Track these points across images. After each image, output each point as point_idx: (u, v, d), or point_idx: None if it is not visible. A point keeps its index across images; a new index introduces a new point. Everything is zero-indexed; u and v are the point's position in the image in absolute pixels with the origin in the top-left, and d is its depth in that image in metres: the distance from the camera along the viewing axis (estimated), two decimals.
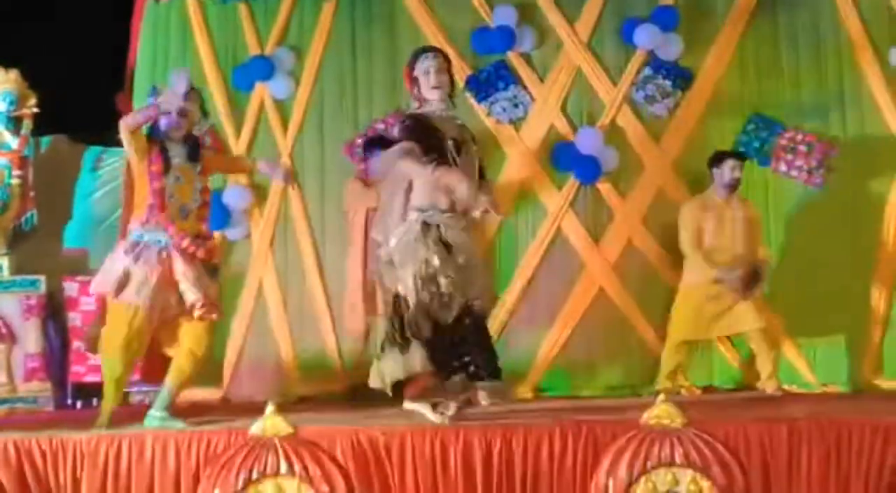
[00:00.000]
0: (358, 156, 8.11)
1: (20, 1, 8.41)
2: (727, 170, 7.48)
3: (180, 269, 5.78)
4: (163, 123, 5.90)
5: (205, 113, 6.20)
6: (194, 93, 6.03)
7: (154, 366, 6.53)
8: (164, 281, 5.78)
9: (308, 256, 8.22)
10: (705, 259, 7.36)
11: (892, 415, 5.13)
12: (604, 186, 8.06)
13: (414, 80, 5.88)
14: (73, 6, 8.57)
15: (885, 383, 7.54)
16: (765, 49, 8.14)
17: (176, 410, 5.98)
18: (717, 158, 7.56)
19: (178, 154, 5.94)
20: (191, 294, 5.78)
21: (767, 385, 7.30)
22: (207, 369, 7.70)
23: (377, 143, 7.43)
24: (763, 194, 8.01)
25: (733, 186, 7.50)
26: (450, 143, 5.70)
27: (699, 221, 7.48)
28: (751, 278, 7.28)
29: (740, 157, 7.59)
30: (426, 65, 5.81)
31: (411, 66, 5.91)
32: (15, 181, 7.76)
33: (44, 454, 5.11)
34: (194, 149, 6.02)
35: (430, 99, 5.82)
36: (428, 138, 5.65)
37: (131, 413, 5.91)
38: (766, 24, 8.15)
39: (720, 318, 7.34)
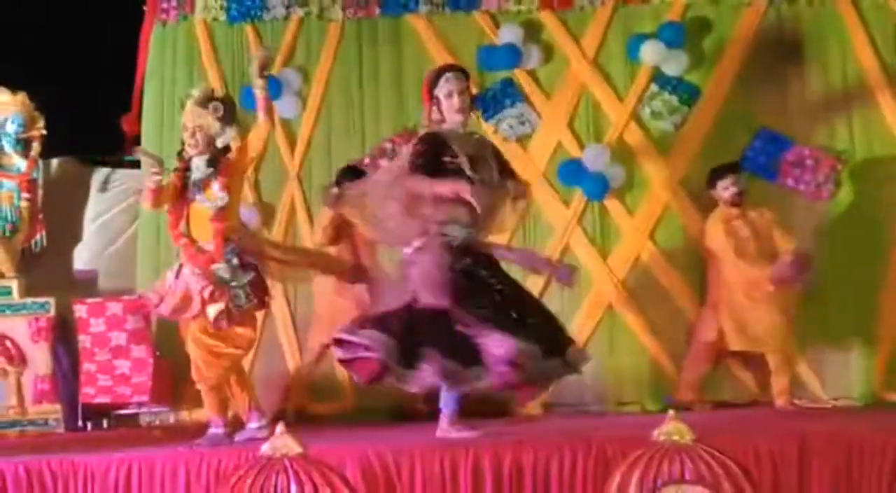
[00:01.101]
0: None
1: (26, 24, 8.43)
2: (720, 190, 7.43)
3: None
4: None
5: (229, 120, 6.07)
6: (214, 103, 6.00)
7: (163, 388, 6.54)
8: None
9: (317, 274, 8.21)
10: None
11: None
12: (611, 203, 8.08)
13: (435, 100, 5.70)
14: (80, 27, 8.59)
15: (895, 397, 7.51)
16: (771, 64, 8.14)
17: (186, 430, 5.97)
18: (710, 180, 7.51)
19: (197, 169, 5.95)
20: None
21: (779, 400, 7.27)
22: None
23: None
24: (769, 209, 7.98)
25: (736, 203, 7.43)
26: (464, 159, 5.59)
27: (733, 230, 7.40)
28: (801, 265, 7.15)
29: (731, 171, 7.47)
30: (449, 87, 5.64)
31: (432, 86, 5.71)
32: (24, 204, 7.80)
33: (54, 477, 5.09)
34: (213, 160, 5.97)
35: (452, 120, 5.68)
36: (440, 158, 5.59)
37: (140, 435, 5.90)
38: (772, 38, 8.16)
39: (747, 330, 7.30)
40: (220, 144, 5.97)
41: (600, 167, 8.01)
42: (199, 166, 5.93)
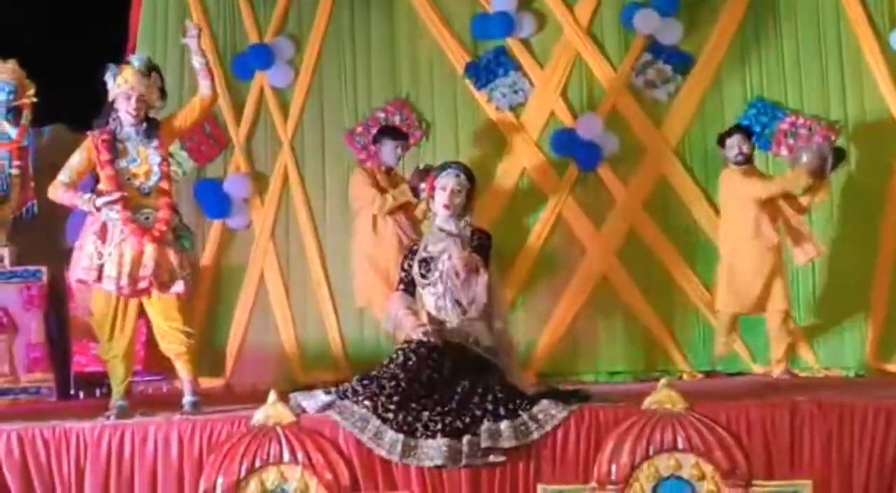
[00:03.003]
0: (360, 144, 8.15)
1: None
2: (727, 149, 7.37)
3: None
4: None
5: (164, 92, 6.01)
6: (155, 74, 5.92)
7: (156, 356, 6.53)
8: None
9: (310, 244, 8.23)
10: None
11: (894, 398, 5.14)
12: (605, 172, 8.06)
13: (432, 190, 5.66)
14: None
15: (887, 366, 7.52)
16: (765, 33, 8.12)
17: (176, 398, 5.96)
18: (720, 141, 7.47)
19: (129, 137, 5.79)
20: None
21: (776, 369, 7.28)
22: (210, 357, 7.78)
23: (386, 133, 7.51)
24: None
25: (741, 162, 7.34)
26: (415, 267, 5.58)
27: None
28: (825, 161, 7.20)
29: (738, 130, 7.41)
30: (444, 182, 5.59)
31: (435, 177, 5.67)
32: (15, 171, 7.74)
33: (47, 444, 5.11)
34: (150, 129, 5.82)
35: (438, 214, 5.63)
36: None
37: (133, 403, 5.90)
38: (766, 7, 8.13)
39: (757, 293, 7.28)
40: (152, 115, 5.87)
41: (594, 136, 7.98)
42: (130, 135, 5.78)
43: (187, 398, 5.78)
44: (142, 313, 5.89)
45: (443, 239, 5.55)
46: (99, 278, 5.68)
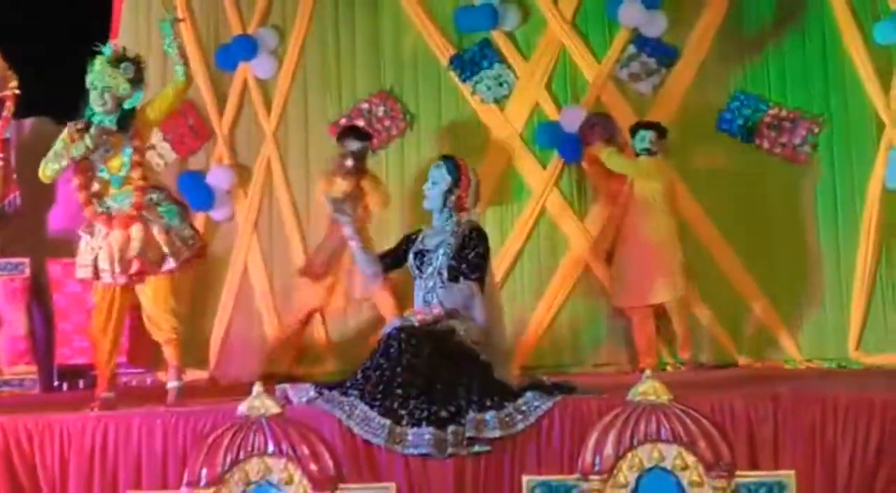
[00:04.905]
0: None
1: None
2: (637, 140, 7.56)
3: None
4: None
5: (138, 82, 5.95)
6: (125, 64, 5.88)
7: (140, 348, 6.52)
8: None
9: (293, 235, 8.23)
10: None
11: (876, 389, 5.17)
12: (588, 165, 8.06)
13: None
14: None
15: (868, 358, 7.54)
16: (749, 26, 8.14)
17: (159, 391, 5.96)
18: (631, 130, 7.66)
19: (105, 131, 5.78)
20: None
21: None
22: (194, 349, 7.76)
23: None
24: (746, 171, 8.02)
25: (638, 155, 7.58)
26: (410, 258, 5.55)
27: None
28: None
29: (650, 127, 7.58)
30: (429, 174, 5.55)
31: None
32: None
33: (30, 436, 5.09)
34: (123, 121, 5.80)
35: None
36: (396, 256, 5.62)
37: (118, 395, 5.89)
38: (750, 0, 8.15)
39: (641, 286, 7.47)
40: (127, 105, 5.83)
41: (577, 129, 7.98)
42: (105, 126, 5.77)
43: (171, 383, 5.82)
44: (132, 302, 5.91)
45: (439, 235, 5.53)
46: (96, 275, 5.74)
